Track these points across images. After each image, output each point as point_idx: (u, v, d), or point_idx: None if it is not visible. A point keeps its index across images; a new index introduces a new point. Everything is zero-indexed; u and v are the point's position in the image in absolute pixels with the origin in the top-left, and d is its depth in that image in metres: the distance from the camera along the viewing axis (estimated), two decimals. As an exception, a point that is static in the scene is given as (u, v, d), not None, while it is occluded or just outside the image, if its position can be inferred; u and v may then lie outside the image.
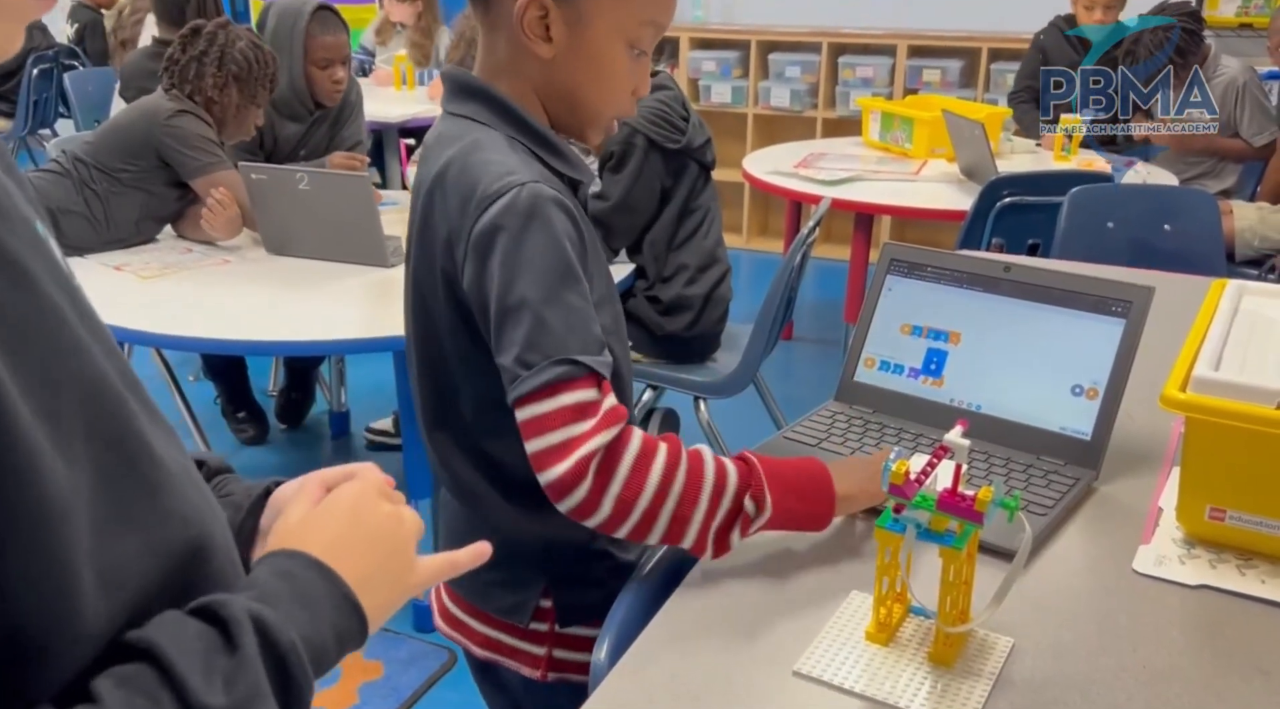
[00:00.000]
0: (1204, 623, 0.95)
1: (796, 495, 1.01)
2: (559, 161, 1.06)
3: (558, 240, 0.96)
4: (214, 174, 2.35)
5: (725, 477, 0.98)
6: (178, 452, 0.62)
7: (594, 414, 0.94)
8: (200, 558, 0.59)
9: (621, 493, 0.94)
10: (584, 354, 0.94)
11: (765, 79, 4.93)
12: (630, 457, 0.95)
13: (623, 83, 1.05)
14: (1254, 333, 1.12)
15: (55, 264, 0.56)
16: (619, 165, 2.35)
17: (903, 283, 1.31)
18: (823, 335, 4.00)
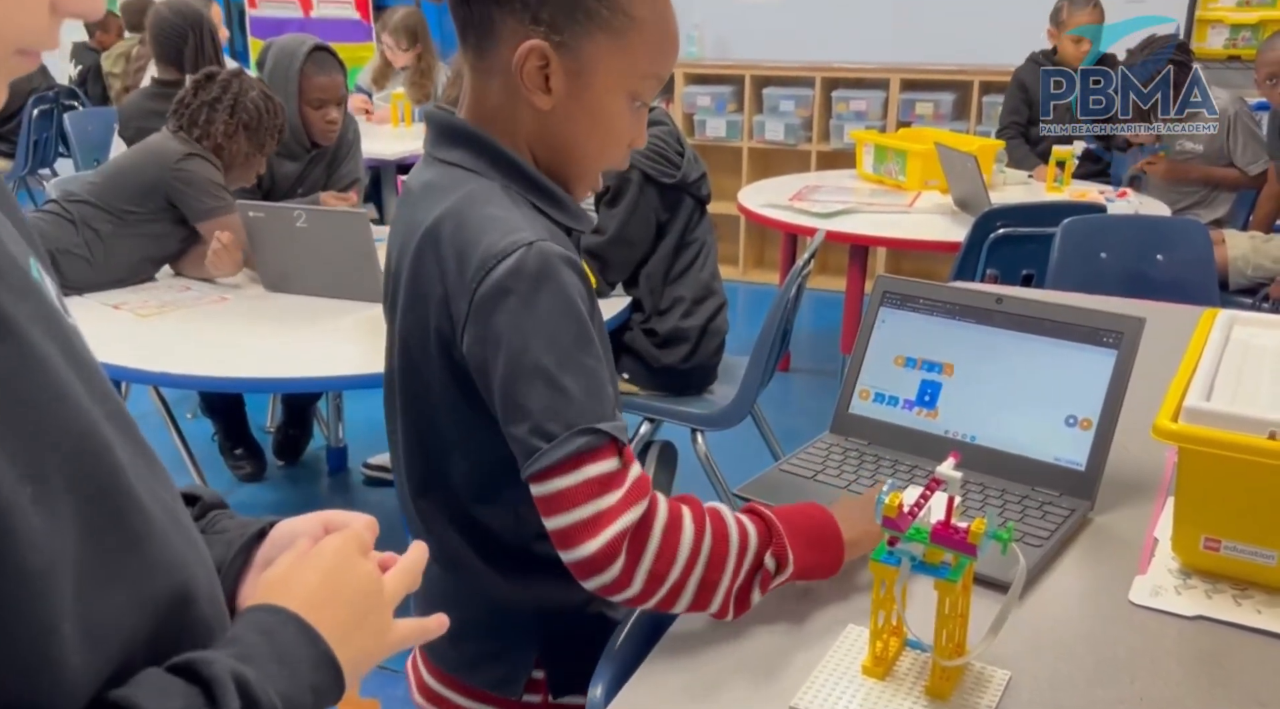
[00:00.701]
0: (1201, 654, 0.94)
1: (814, 548, 0.99)
2: (559, 212, 1.01)
3: (571, 302, 0.92)
4: (221, 218, 2.37)
5: (747, 538, 0.96)
6: (166, 492, 0.62)
7: (619, 486, 0.90)
8: (183, 605, 0.60)
9: (653, 568, 0.91)
10: (604, 421, 0.90)
11: (759, 113, 4.98)
12: (659, 530, 0.91)
13: (621, 135, 1.01)
14: (1245, 362, 1.13)
15: (48, 307, 0.57)
16: (614, 199, 2.37)
17: (896, 315, 1.32)
18: (820, 366, 4.01)
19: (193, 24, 3.32)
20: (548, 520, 0.91)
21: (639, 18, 0.96)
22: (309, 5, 5.57)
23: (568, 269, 0.93)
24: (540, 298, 0.91)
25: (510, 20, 0.95)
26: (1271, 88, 3.19)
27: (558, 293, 0.91)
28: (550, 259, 0.92)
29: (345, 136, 2.90)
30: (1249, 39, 4.39)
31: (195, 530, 0.65)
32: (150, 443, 0.64)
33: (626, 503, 0.90)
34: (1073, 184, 3.51)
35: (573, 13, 0.94)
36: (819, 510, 1.03)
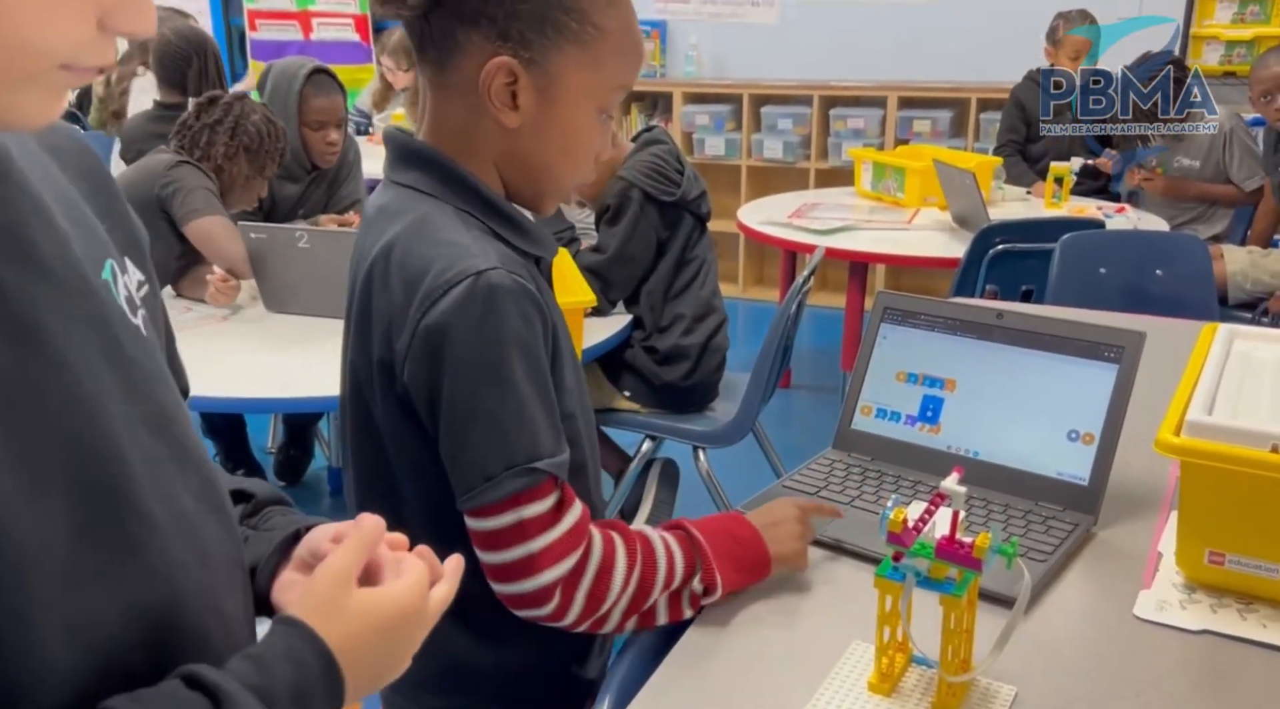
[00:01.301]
0: (1206, 669, 0.94)
1: (740, 570, 1.03)
2: (518, 237, 0.97)
3: (516, 335, 0.90)
4: (206, 218, 2.33)
5: (674, 568, 0.99)
6: (189, 494, 0.63)
7: (554, 526, 0.92)
8: (176, 611, 0.60)
9: (586, 604, 0.95)
10: (544, 458, 0.90)
11: (758, 131, 5.00)
12: (593, 571, 0.95)
13: (589, 149, 0.98)
14: (1246, 376, 1.13)
15: (102, 308, 0.60)
16: (615, 218, 2.38)
17: (897, 331, 1.32)
18: (821, 383, 4.01)
19: (196, 48, 3.34)
20: (482, 555, 0.93)
21: (606, 28, 0.94)
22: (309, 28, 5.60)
23: (517, 299, 0.90)
24: (484, 332, 0.89)
25: (475, 36, 0.91)
26: (1266, 104, 3.20)
27: (502, 327, 0.89)
28: (496, 291, 0.89)
29: (346, 158, 2.91)
30: (1244, 55, 4.41)
31: (213, 531, 0.65)
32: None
33: (564, 547, 0.92)
34: (1071, 200, 3.52)
35: (541, 27, 0.91)
36: (745, 528, 1.05)
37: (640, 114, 5.26)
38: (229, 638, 0.64)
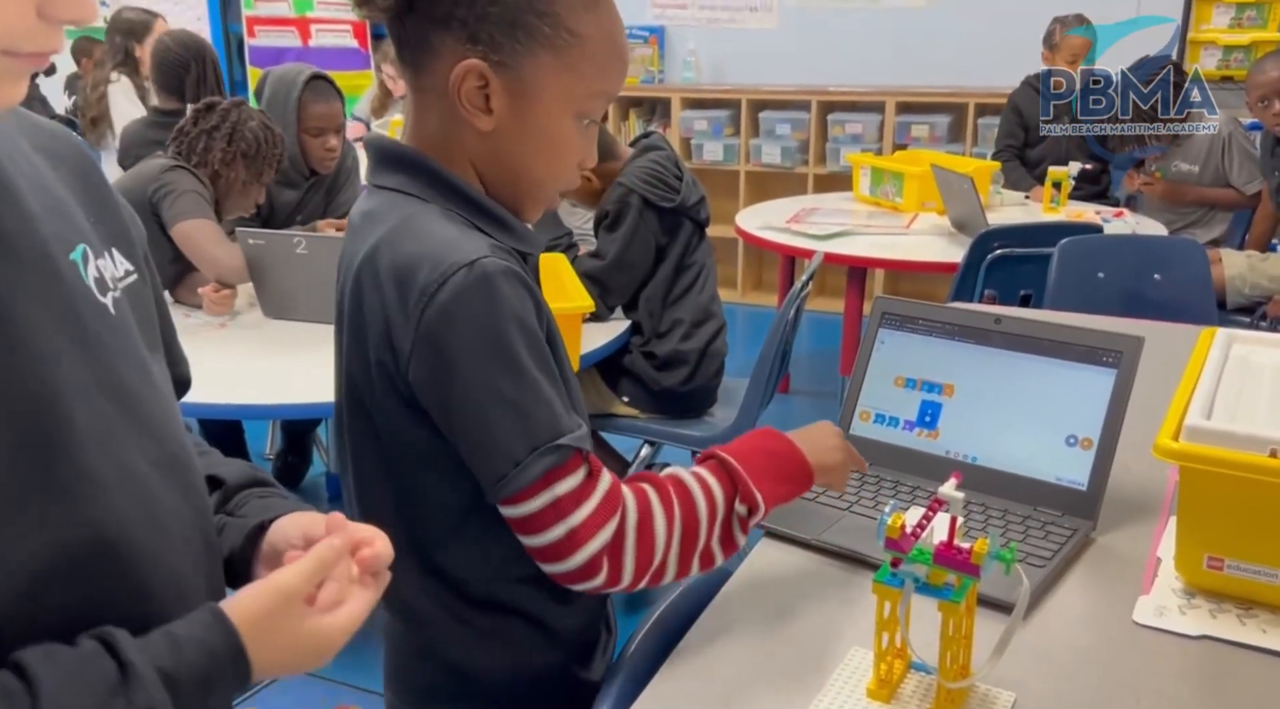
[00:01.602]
0: (1206, 674, 0.94)
1: (782, 481, 1.02)
2: (502, 233, 0.97)
3: (518, 318, 0.90)
4: (193, 221, 2.31)
5: (714, 500, 0.98)
6: (144, 462, 0.69)
7: (590, 498, 0.91)
8: (108, 561, 0.65)
9: (636, 565, 0.94)
10: (565, 434, 0.90)
11: (756, 137, 5.00)
12: (633, 532, 0.93)
13: (570, 156, 0.97)
14: (1245, 381, 1.13)
15: (62, 285, 0.66)
16: (614, 224, 2.38)
17: (895, 336, 1.32)
18: (819, 388, 4.01)
19: (195, 54, 3.35)
20: (524, 539, 0.93)
21: (583, 34, 0.92)
22: (307, 34, 5.61)
23: (511, 283, 0.90)
24: (487, 319, 0.88)
25: (448, 39, 0.91)
26: (1264, 109, 3.20)
27: (504, 311, 0.89)
28: (492, 277, 0.89)
29: (344, 164, 2.92)
30: (1241, 60, 4.42)
31: (170, 497, 0.71)
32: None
33: (601, 517, 0.91)
34: (1069, 204, 3.52)
35: (513, 31, 0.90)
36: (779, 441, 1.04)
37: (639, 119, 5.27)
38: (180, 599, 0.69)
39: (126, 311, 0.74)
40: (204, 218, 2.34)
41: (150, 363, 0.75)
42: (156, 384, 0.75)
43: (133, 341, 0.73)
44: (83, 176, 0.77)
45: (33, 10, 0.55)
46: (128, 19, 4.09)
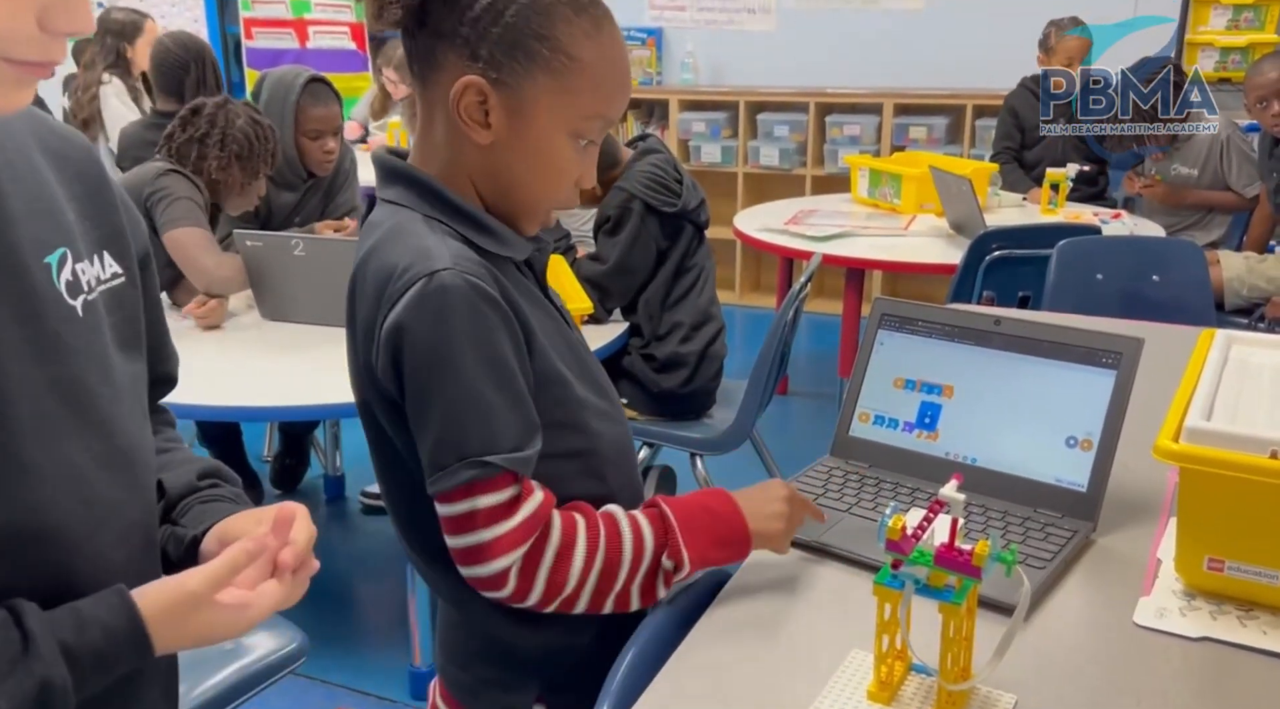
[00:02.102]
0: (1206, 676, 0.94)
1: (716, 544, 1.03)
2: (485, 239, 0.99)
3: (467, 332, 0.92)
4: (184, 229, 2.29)
5: (642, 546, 1.01)
6: (86, 455, 0.75)
7: (510, 518, 0.94)
8: (42, 542, 0.72)
9: (546, 589, 0.97)
10: (501, 452, 0.92)
11: (754, 138, 5.00)
12: (549, 559, 0.97)
13: (566, 175, 1.00)
14: (1244, 381, 1.13)
15: (22, 286, 0.71)
16: (616, 229, 2.38)
17: (894, 337, 1.32)
18: (818, 390, 4.01)
19: (195, 56, 3.34)
20: (446, 537, 0.97)
21: (582, 59, 0.95)
22: (305, 36, 5.61)
23: (467, 297, 0.92)
24: (435, 329, 0.92)
25: (451, 54, 0.95)
26: (1262, 111, 3.21)
27: (451, 324, 0.92)
28: (447, 291, 0.92)
29: (342, 166, 2.91)
30: (1239, 62, 4.43)
31: (109, 490, 0.77)
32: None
33: (517, 537, 0.95)
34: (1067, 206, 3.53)
35: (512, 51, 0.94)
36: (724, 502, 1.05)
37: (636, 121, 5.27)
38: (106, 584, 0.74)
39: (99, 314, 0.79)
40: (195, 226, 2.33)
41: (117, 364, 0.80)
42: (118, 384, 0.80)
43: (99, 343, 0.78)
44: (85, 179, 0.81)
45: (33, 19, 0.57)
46: (117, 19, 4.08)
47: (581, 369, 1.07)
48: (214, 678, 1.46)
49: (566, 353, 1.05)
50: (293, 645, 1.54)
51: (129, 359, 0.83)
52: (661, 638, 1.02)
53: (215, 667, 1.48)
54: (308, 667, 1.59)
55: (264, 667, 1.51)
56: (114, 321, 0.82)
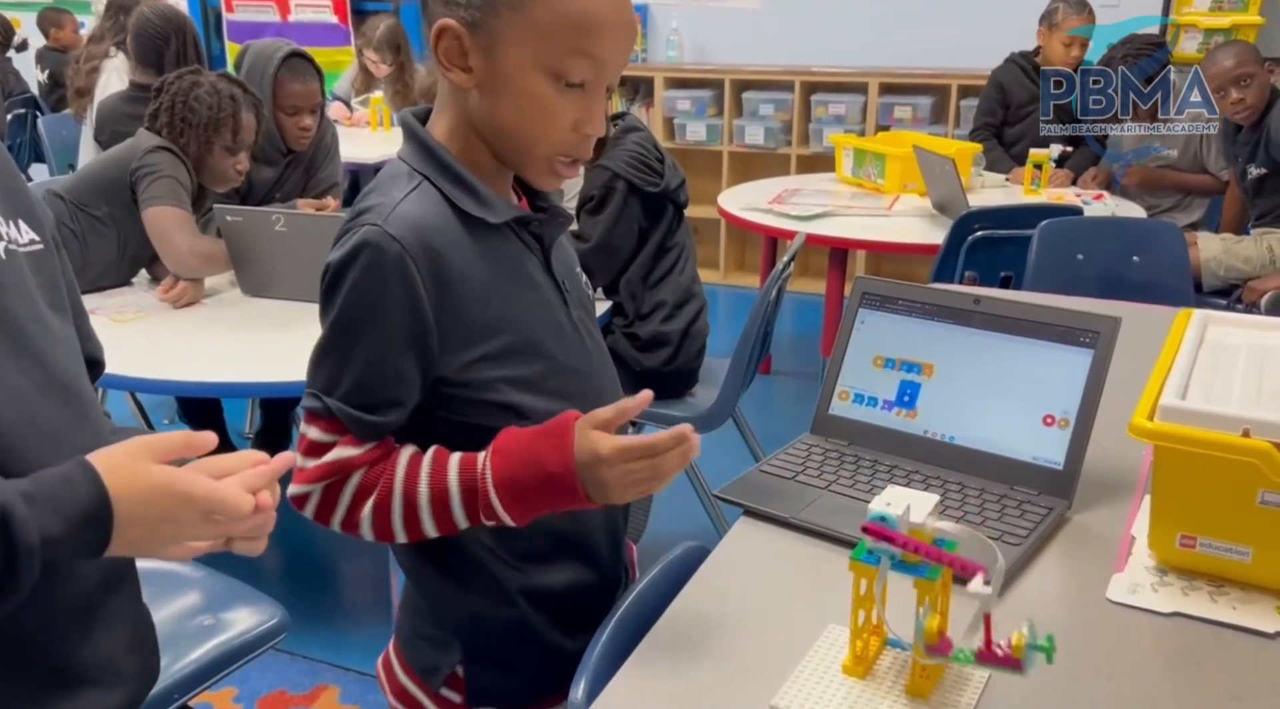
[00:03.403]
0: (1177, 650, 0.95)
1: (540, 503, 0.99)
2: (466, 198, 1.01)
3: (368, 288, 0.96)
4: (163, 207, 2.26)
5: (447, 499, 1.00)
6: (23, 377, 0.80)
7: (319, 456, 1.00)
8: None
9: (343, 526, 1.02)
10: (344, 401, 0.98)
11: (739, 117, 4.99)
12: (346, 503, 1.01)
13: (554, 117, 0.98)
14: (1219, 361, 1.14)
15: None
16: (598, 207, 2.37)
17: (875, 316, 1.32)
18: (800, 369, 4.02)
19: (176, 28, 3.29)
20: None
21: None
22: (286, 9, 5.55)
23: (378, 256, 0.96)
24: (343, 279, 0.98)
25: (434, 3, 0.98)
26: (1221, 99, 3.22)
27: (347, 277, 0.97)
28: (363, 247, 0.96)
29: (323, 141, 2.88)
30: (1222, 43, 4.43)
31: (46, 408, 0.82)
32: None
33: (315, 476, 1.00)
34: (1049, 187, 3.53)
35: None
36: (559, 464, 0.97)
37: (622, 99, 5.24)
38: None
39: (23, 267, 0.84)
40: (176, 206, 2.29)
41: (47, 314, 0.85)
42: (50, 326, 0.84)
43: (26, 286, 0.83)
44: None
45: None
46: None
47: (568, 353, 1.07)
48: (194, 653, 1.46)
49: (546, 331, 1.05)
50: (273, 621, 1.54)
51: (60, 319, 0.87)
52: (639, 613, 1.03)
53: (195, 642, 1.48)
54: (288, 642, 1.59)
55: (244, 642, 1.51)
56: (39, 282, 0.86)
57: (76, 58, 4.12)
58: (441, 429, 1.03)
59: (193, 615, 1.55)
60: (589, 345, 1.11)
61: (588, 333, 1.12)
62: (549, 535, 1.07)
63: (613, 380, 1.17)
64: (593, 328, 1.15)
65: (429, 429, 1.03)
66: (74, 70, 4.05)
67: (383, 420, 0.99)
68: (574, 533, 1.09)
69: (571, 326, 1.09)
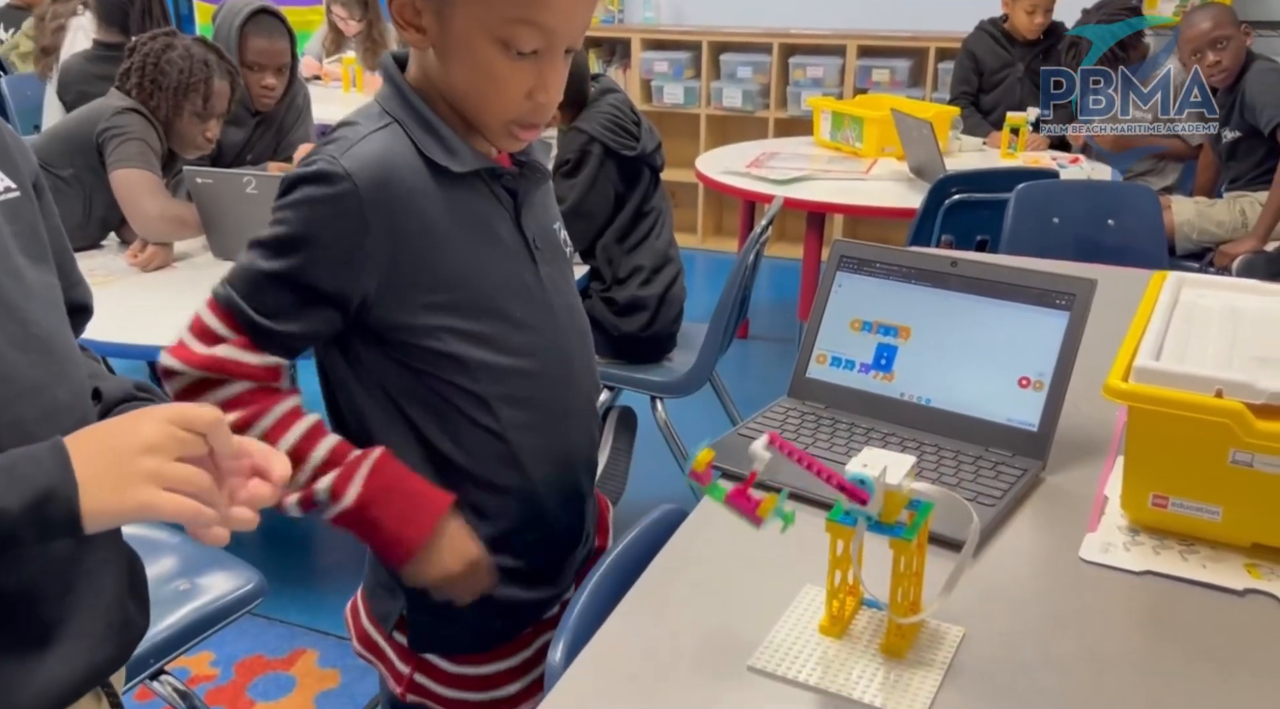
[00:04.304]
0: (1148, 608, 0.96)
1: (393, 515, 1.02)
2: (433, 145, 1.01)
3: (310, 211, 0.98)
4: (131, 170, 2.22)
5: (308, 452, 1.02)
6: (18, 356, 0.79)
7: (208, 344, 1.02)
8: None
9: None
10: (247, 300, 1.00)
11: (717, 79, 4.95)
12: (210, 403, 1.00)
13: (505, 85, 0.98)
14: (1193, 323, 1.15)
15: None
16: (574, 171, 2.35)
17: (852, 279, 1.32)
18: (778, 334, 4.03)
19: None
20: None
21: None
22: (256, -33, 5.43)
23: (324, 187, 0.97)
24: (288, 196, 1.00)
25: None
26: (1198, 62, 3.22)
27: (291, 198, 0.99)
28: (314, 176, 0.97)
29: (295, 102, 2.83)
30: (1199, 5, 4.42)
31: (24, 368, 0.80)
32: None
33: (196, 361, 1.02)
34: (1026, 151, 3.54)
35: None
36: (436, 505, 1.04)
37: (598, 60, 5.18)
38: None
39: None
40: (144, 169, 2.24)
41: (23, 265, 0.83)
42: (27, 283, 0.82)
43: (1, 240, 0.81)
44: None
45: None
46: None
47: (531, 312, 1.07)
48: (170, 618, 1.46)
49: (505, 288, 1.05)
50: (250, 585, 1.54)
51: (38, 269, 0.85)
52: (617, 575, 1.03)
53: (171, 606, 1.48)
54: (265, 606, 1.59)
55: (221, 606, 1.51)
56: (15, 231, 0.83)
57: (42, 15, 4.02)
58: (391, 372, 1.05)
59: (169, 580, 1.54)
60: (556, 305, 1.10)
61: (558, 292, 1.11)
62: (492, 489, 1.08)
63: (583, 342, 1.16)
64: (566, 288, 1.14)
65: (382, 371, 1.05)
66: (40, 29, 3.96)
67: (276, 328, 1.00)
68: (518, 487, 1.10)
69: (539, 286, 1.08)
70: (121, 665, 0.91)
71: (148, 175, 2.25)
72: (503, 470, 1.07)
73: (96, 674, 0.86)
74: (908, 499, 0.85)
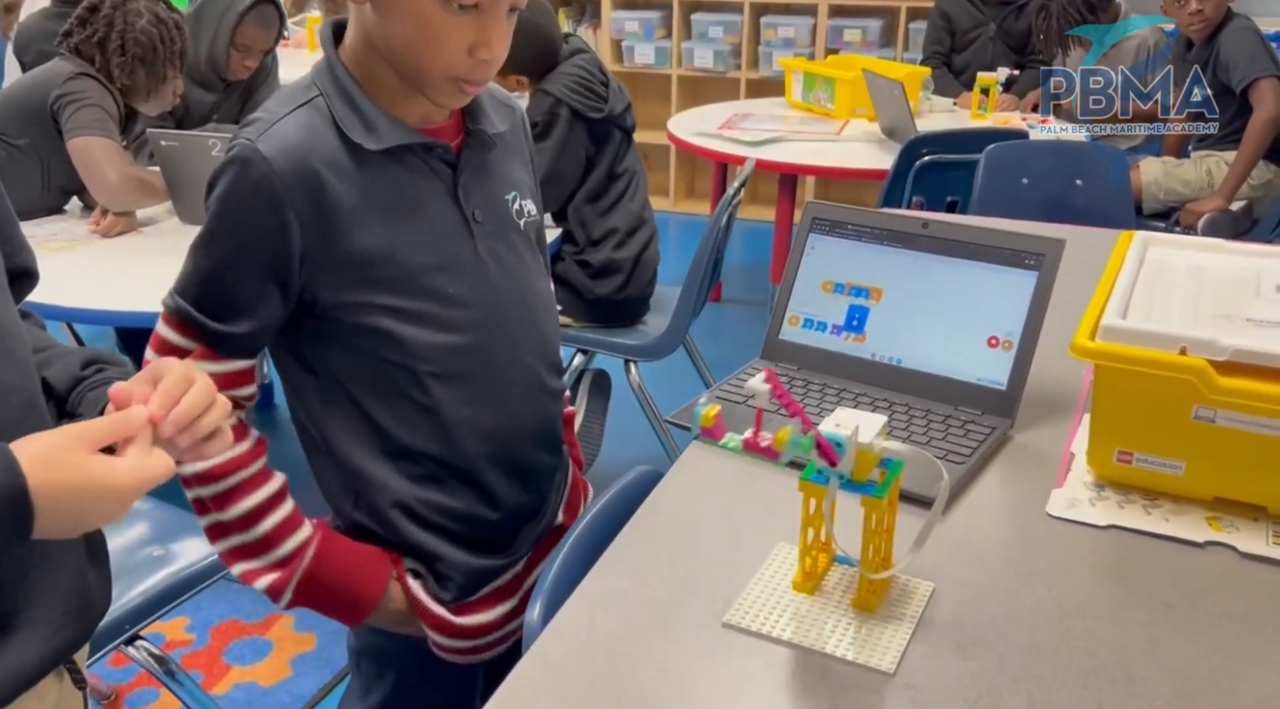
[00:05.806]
0: (1113, 561, 0.99)
1: (331, 605, 1.11)
2: (352, 120, 1.00)
3: (232, 202, 1.00)
4: (91, 138, 2.18)
5: (270, 548, 1.07)
6: None
7: (161, 352, 1.03)
8: None
9: None
10: (194, 305, 1.02)
11: (688, 40, 4.91)
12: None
13: (444, 40, 0.96)
14: (1159, 281, 1.16)
15: None
16: (543, 135, 2.33)
17: (825, 241, 1.33)
18: (751, 296, 4.04)
19: None
20: None
21: None
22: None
23: (244, 175, 0.98)
24: (212, 191, 1.01)
25: None
26: (1180, 9, 3.22)
27: (217, 189, 1.00)
28: (233, 163, 0.99)
29: (263, 63, 2.80)
30: (1169, -34, 4.42)
31: None
32: None
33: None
34: (996, 112, 3.54)
35: None
36: (371, 591, 1.10)
37: (568, 20, 5.12)
38: None
39: None
40: (103, 136, 2.20)
41: None
42: None
43: None
44: None
45: None
46: None
47: (466, 288, 1.06)
48: (144, 584, 1.46)
49: (435, 263, 1.04)
50: (225, 552, 1.54)
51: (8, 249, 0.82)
52: (593, 536, 1.04)
53: (145, 573, 1.48)
54: (241, 572, 1.59)
55: (194, 572, 1.51)
56: None
57: None
58: (335, 352, 1.06)
59: (142, 546, 1.54)
60: (497, 281, 1.09)
61: (499, 266, 1.09)
62: (430, 461, 1.10)
63: (532, 316, 1.13)
64: (513, 260, 1.12)
65: (326, 350, 1.06)
66: None
67: (229, 330, 1.02)
68: (454, 461, 1.10)
69: (475, 261, 1.07)
70: (84, 644, 0.90)
71: (106, 142, 2.21)
72: (436, 444, 1.08)
73: (57, 656, 0.85)
74: (879, 458, 0.86)
